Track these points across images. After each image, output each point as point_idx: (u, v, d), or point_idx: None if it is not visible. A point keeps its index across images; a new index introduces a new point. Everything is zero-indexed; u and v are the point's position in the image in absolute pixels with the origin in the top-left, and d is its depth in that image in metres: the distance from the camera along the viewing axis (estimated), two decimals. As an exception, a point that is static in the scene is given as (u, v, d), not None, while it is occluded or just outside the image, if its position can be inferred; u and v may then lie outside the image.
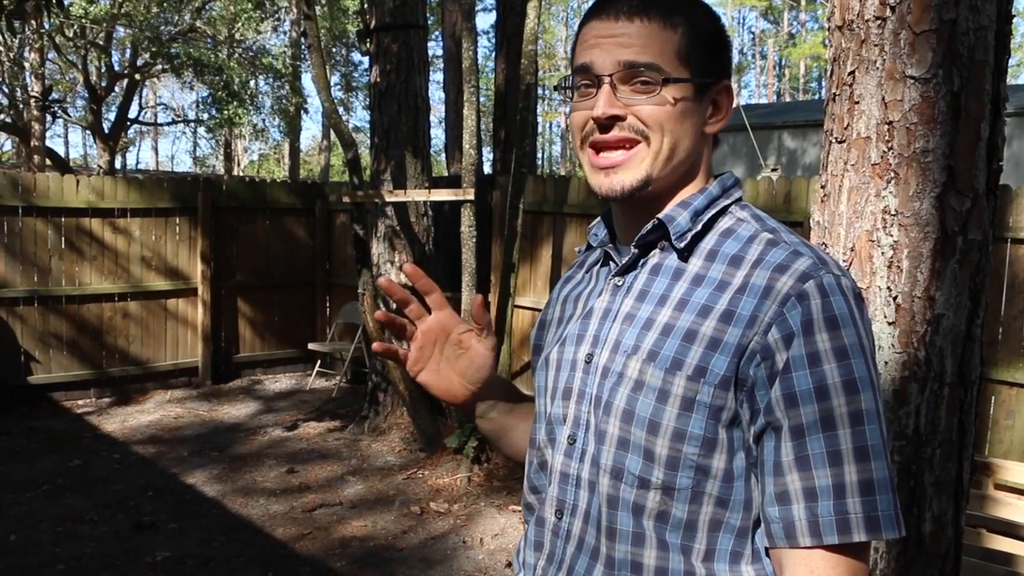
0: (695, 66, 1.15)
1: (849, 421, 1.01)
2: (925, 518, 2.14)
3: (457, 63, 11.25)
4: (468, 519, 5.39)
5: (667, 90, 1.13)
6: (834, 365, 1.02)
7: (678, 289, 1.14)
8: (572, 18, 51.37)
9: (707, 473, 1.08)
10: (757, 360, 1.04)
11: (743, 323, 1.06)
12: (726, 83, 1.19)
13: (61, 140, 43.75)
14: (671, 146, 1.15)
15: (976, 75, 1.99)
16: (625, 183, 1.15)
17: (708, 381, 1.06)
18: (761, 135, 14.76)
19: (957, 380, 2.11)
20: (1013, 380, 4.87)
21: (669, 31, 1.14)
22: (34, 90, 18.33)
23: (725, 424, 1.07)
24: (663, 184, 1.17)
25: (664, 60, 1.13)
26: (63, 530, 5.04)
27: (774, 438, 1.03)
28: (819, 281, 1.04)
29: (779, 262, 1.07)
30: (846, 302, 1.04)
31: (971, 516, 4.14)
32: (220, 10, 20.93)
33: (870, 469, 1.00)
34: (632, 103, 1.13)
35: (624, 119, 1.14)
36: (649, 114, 1.13)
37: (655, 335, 1.12)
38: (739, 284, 1.09)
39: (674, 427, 1.08)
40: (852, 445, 1.00)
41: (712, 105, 1.19)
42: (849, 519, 1.00)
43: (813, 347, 1.02)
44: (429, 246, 7.15)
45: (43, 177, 7.90)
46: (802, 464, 1.01)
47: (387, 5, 6.77)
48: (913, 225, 2.03)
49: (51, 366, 7.80)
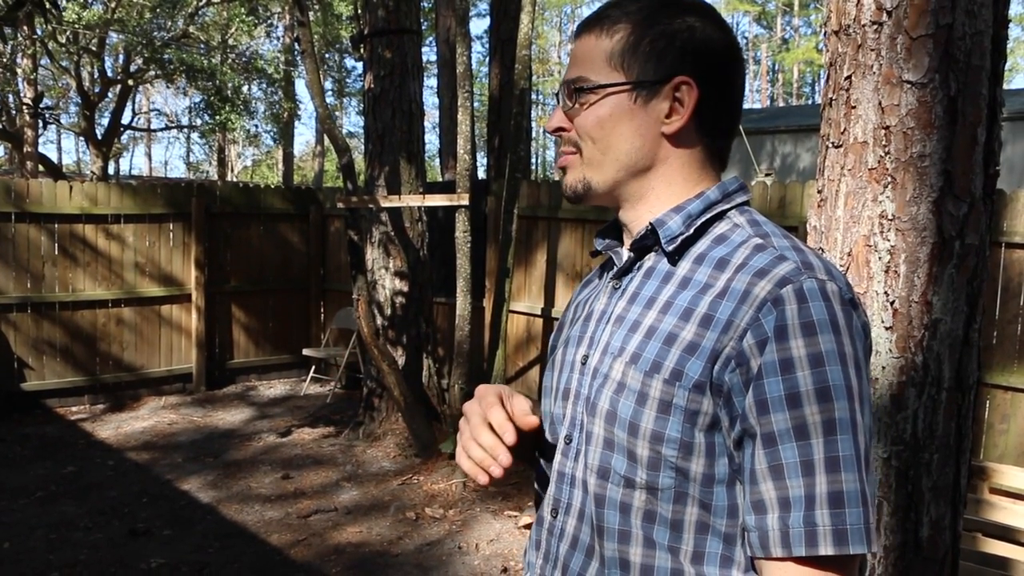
0: (631, 68, 1.15)
1: (822, 430, 0.99)
2: (923, 523, 2.14)
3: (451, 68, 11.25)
4: (463, 524, 5.38)
5: (591, 97, 1.17)
6: (807, 372, 1.00)
7: (665, 292, 1.14)
8: (566, 23, 51.50)
9: (687, 475, 1.08)
10: (732, 366, 1.03)
11: (720, 328, 1.05)
12: (683, 79, 1.14)
13: (54, 146, 43.57)
14: (602, 151, 1.18)
15: (973, 80, 1.99)
16: (568, 185, 1.23)
17: (683, 385, 1.06)
18: (755, 140, 14.79)
19: (955, 385, 2.11)
20: (1008, 384, 4.87)
21: (604, 39, 1.17)
22: (27, 96, 18.27)
23: (703, 428, 1.06)
24: (611, 187, 1.20)
25: (592, 69, 1.17)
26: (57, 537, 5.02)
27: (751, 445, 1.03)
28: (798, 286, 1.02)
29: (761, 267, 1.06)
30: (827, 307, 1.02)
31: (967, 520, 4.14)
32: (213, 16, 20.94)
33: (840, 481, 0.98)
34: (573, 115, 1.20)
35: (569, 131, 1.21)
36: (578, 124, 1.19)
37: (639, 337, 1.12)
38: (720, 288, 1.08)
39: (652, 429, 1.08)
40: (824, 455, 0.98)
41: (672, 103, 1.16)
42: (817, 531, 0.98)
43: (786, 353, 1.00)
44: (424, 252, 7.14)
45: (36, 183, 7.87)
46: (776, 473, 1.00)
47: (381, 10, 6.77)
48: (910, 230, 2.03)
49: (44, 373, 7.77)
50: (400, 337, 7.00)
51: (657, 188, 1.19)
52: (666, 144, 1.18)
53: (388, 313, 7.01)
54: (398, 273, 6.97)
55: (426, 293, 7.20)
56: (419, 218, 7.09)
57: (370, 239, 7.02)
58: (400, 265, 6.98)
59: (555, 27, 51.18)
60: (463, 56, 6.46)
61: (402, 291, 6.99)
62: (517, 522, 5.39)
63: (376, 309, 6.98)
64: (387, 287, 6.99)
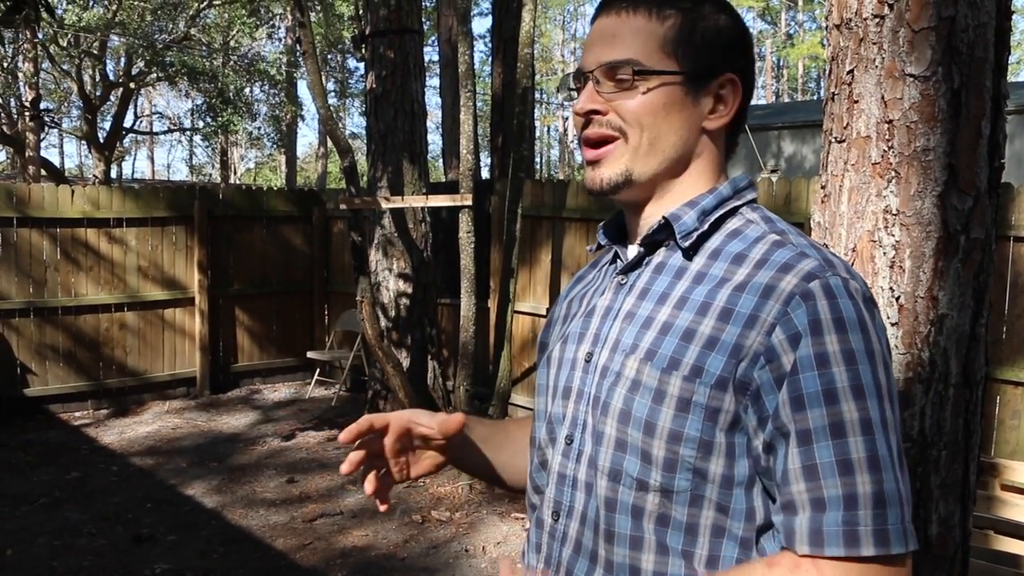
0: (685, 58, 1.13)
1: (860, 428, 0.97)
2: (932, 520, 2.11)
3: (453, 68, 11.24)
4: (470, 527, 5.36)
5: (644, 83, 1.12)
6: (842, 368, 0.98)
7: (680, 287, 1.11)
8: (569, 21, 51.50)
9: (705, 477, 1.05)
10: (761, 362, 1.01)
11: (741, 322, 1.03)
12: (730, 76, 1.15)
13: (56, 150, 43.67)
14: (651, 140, 1.13)
15: (976, 72, 1.96)
16: (604, 177, 1.15)
17: (704, 381, 1.03)
18: (760, 136, 14.75)
19: (962, 380, 2.08)
20: (1018, 380, 4.84)
21: (655, 23, 1.13)
22: (27, 100, 18.31)
23: (724, 427, 1.04)
24: (650, 180, 1.16)
25: (645, 54, 1.12)
26: (61, 543, 5.01)
27: (783, 445, 1.00)
28: (825, 282, 1.01)
29: (784, 262, 1.04)
30: (854, 305, 1.01)
31: (978, 518, 4.11)
32: (215, 18, 20.95)
33: (881, 480, 0.96)
34: (613, 99, 1.14)
35: (605, 114, 1.14)
36: (626, 109, 1.13)
37: (654, 334, 1.09)
38: (739, 281, 1.06)
39: (670, 428, 1.05)
40: (864, 454, 0.96)
41: (715, 99, 1.16)
42: (859, 531, 0.96)
43: (822, 348, 0.98)
44: (427, 252, 7.13)
45: (38, 188, 7.87)
46: (810, 473, 0.98)
47: (382, 11, 6.75)
48: (915, 224, 2.00)
49: (48, 378, 7.76)
50: (404, 339, 6.98)
51: (685, 182, 1.18)
52: (704, 139, 1.17)
53: (392, 315, 6.99)
54: (402, 274, 6.96)
55: (430, 294, 7.18)
56: (422, 219, 7.07)
57: (373, 240, 7.00)
58: (404, 266, 6.96)
59: (558, 25, 51.17)
60: (465, 55, 6.44)
61: (406, 292, 6.98)
62: (524, 524, 5.37)
63: (380, 311, 6.96)
64: (391, 289, 6.97)
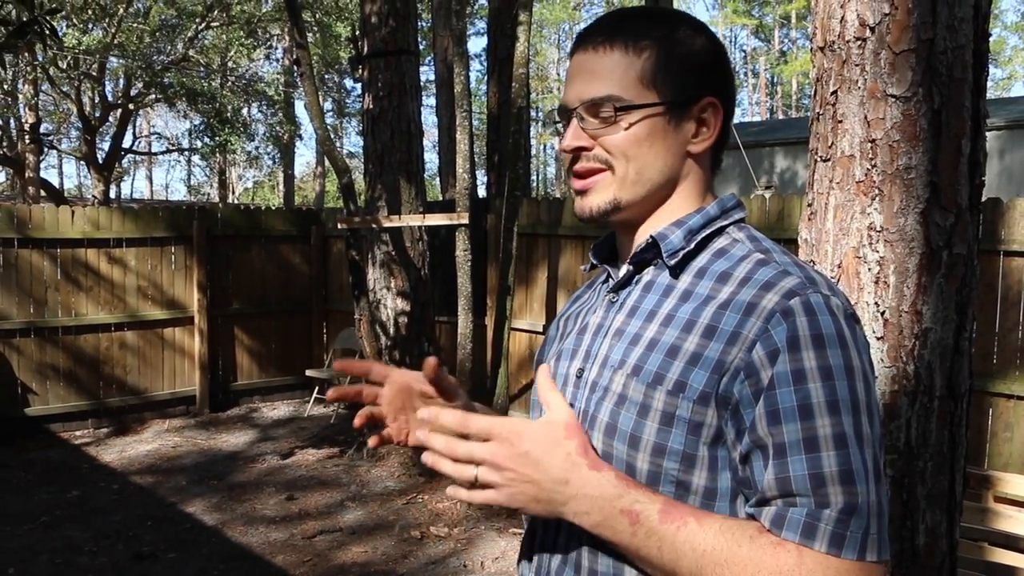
0: (665, 88, 1.16)
1: (833, 443, 0.98)
2: (919, 531, 2.15)
3: (449, 88, 11.31)
4: (468, 543, 5.38)
5: (627, 117, 1.16)
6: (819, 384, 1.00)
7: (666, 305, 1.14)
8: (564, 40, 51.70)
9: (688, 489, 1.07)
10: (741, 377, 1.03)
11: (724, 339, 1.05)
12: (710, 100, 1.18)
13: (56, 171, 43.75)
14: (637, 170, 1.17)
15: (955, 92, 2.02)
16: (593, 206, 1.20)
17: (687, 396, 1.06)
18: (754, 153, 14.83)
19: (947, 393, 2.13)
20: (1010, 392, 4.88)
21: (632, 57, 1.16)
22: (27, 122, 18.39)
23: (707, 441, 1.06)
24: (639, 205, 1.20)
25: (624, 88, 1.16)
26: (62, 562, 5.03)
27: (759, 458, 1.02)
28: (805, 299, 1.03)
29: (767, 280, 1.07)
30: (834, 322, 1.03)
31: (972, 530, 4.14)
32: (213, 39, 21.06)
33: (855, 492, 0.98)
34: (598, 134, 1.18)
35: (591, 149, 1.19)
36: (612, 144, 1.17)
37: (640, 350, 1.12)
38: (723, 300, 1.08)
39: (654, 442, 1.08)
40: (836, 468, 0.98)
41: (698, 123, 1.19)
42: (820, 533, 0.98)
43: (799, 364, 1.01)
44: (425, 271, 7.17)
45: (38, 209, 7.93)
46: (783, 484, 0.99)
47: (379, 32, 6.82)
48: (898, 241, 2.06)
49: (48, 397, 7.79)
50: (403, 357, 7.01)
51: (672, 204, 1.21)
52: (689, 162, 1.21)
53: (391, 333, 7.03)
54: (400, 293, 7.00)
55: (428, 312, 7.22)
56: (420, 237, 7.12)
57: (371, 259, 7.05)
58: (402, 285, 7.01)
59: (553, 44, 51.38)
60: (461, 76, 6.51)
61: (404, 310, 7.02)
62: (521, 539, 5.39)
63: (379, 329, 7.00)
64: (389, 307, 7.02)
